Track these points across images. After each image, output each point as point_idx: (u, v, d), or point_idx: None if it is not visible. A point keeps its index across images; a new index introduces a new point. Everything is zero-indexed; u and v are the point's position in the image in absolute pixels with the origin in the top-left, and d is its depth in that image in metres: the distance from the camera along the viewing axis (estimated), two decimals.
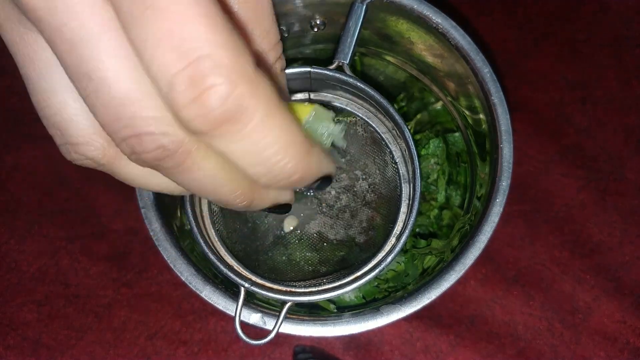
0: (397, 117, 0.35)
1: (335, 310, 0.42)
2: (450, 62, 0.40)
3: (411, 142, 0.35)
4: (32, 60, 0.20)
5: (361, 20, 0.37)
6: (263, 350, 0.50)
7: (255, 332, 0.35)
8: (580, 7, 0.57)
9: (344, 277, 0.36)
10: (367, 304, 0.43)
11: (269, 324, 0.37)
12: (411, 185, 0.37)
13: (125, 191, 0.53)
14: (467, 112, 0.43)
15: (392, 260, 0.35)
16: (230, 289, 0.38)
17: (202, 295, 0.37)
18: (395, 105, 0.48)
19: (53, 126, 0.21)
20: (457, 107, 0.44)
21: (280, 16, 0.42)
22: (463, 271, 0.36)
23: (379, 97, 0.35)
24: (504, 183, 0.37)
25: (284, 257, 0.42)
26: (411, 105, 0.49)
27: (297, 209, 0.44)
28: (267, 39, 0.24)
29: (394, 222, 0.37)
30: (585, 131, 0.55)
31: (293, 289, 0.36)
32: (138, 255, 0.52)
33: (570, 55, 0.56)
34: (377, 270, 0.35)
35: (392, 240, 0.36)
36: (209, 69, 0.16)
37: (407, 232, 0.35)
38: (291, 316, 0.37)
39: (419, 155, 0.36)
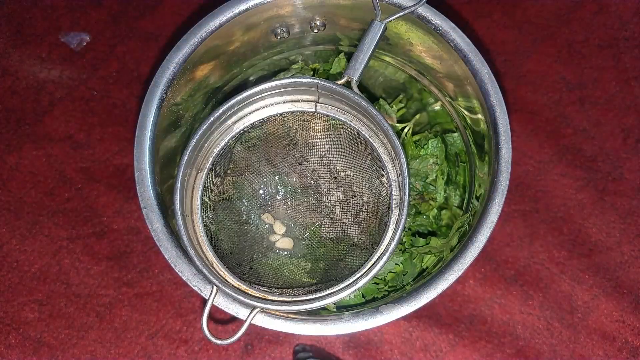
0: (395, 141, 0.36)
1: (335, 310, 0.42)
2: (449, 63, 0.41)
3: (405, 169, 0.35)
4: None
5: (377, 38, 0.37)
6: (263, 350, 0.51)
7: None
8: (579, 8, 0.58)
9: (319, 290, 0.36)
10: (367, 303, 0.43)
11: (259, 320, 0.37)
12: (400, 210, 0.37)
13: (127, 191, 0.54)
14: (466, 113, 0.43)
15: (364, 283, 0.35)
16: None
17: (203, 294, 0.37)
18: (397, 130, 0.48)
19: None
20: (456, 108, 0.44)
21: (280, 18, 0.42)
22: (462, 271, 0.36)
23: (380, 119, 0.36)
24: (503, 183, 0.37)
25: (268, 261, 0.42)
26: (410, 105, 0.49)
27: (286, 216, 0.45)
28: None
29: (377, 245, 0.37)
30: (584, 131, 0.55)
31: (266, 295, 0.36)
32: (139, 255, 0.52)
33: (569, 56, 0.57)
34: (351, 289, 0.35)
35: (373, 260, 0.36)
36: None
37: (385, 257, 0.35)
38: (292, 315, 0.37)
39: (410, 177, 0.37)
